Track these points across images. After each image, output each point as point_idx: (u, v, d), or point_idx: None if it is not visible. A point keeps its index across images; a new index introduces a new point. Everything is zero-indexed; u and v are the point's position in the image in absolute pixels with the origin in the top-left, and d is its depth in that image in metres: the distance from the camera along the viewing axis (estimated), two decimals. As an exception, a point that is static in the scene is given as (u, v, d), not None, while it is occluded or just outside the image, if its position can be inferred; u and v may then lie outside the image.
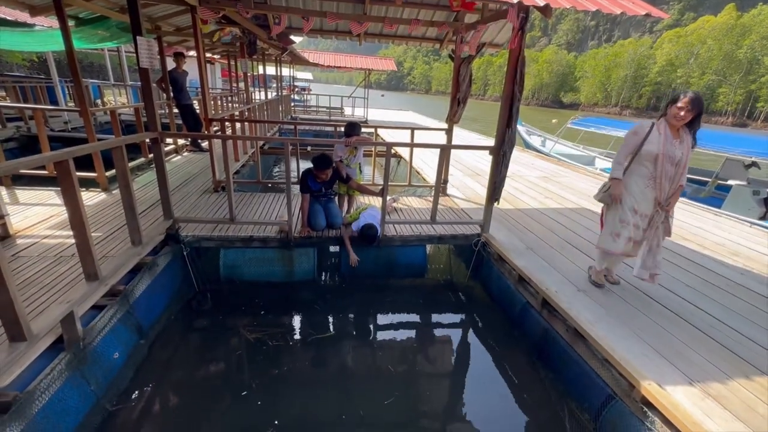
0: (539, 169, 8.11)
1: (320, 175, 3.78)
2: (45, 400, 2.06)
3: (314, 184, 3.90)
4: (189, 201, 4.69)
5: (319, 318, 3.60)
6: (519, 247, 3.92)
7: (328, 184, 3.97)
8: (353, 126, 4.08)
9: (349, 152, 4.14)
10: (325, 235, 3.95)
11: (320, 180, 3.88)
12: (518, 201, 5.59)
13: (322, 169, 3.75)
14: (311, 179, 3.88)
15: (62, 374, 2.20)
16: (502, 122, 3.64)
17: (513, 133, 3.64)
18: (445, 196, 5.56)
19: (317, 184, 3.92)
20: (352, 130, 4.06)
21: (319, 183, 3.91)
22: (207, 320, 3.50)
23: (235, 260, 3.89)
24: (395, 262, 4.14)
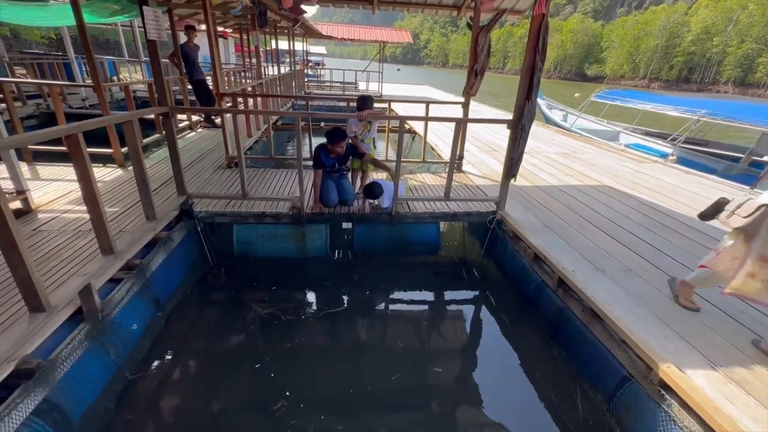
0: (559, 144, 7.83)
1: (335, 148, 3.71)
2: (67, 368, 2.14)
3: (327, 159, 3.84)
4: (203, 177, 4.70)
5: (331, 294, 3.61)
6: (535, 225, 3.82)
7: (341, 160, 3.90)
8: (365, 100, 3.96)
9: (363, 127, 4.03)
10: (337, 211, 3.91)
11: (334, 154, 3.81)
12: (536, 178, 5.42)
13: (336, 142, 3.68)
14: (324, 154, 3.81)
15: (82, 344, 2.28)
16: (521, 94, 3.46)
17: (533, 106, 3.46)
18: (459, 173, 5.43)
19: (330, 159, 3.85)
20: (364, 104, 3.94)
21: (333, 158, 3.85)
22: (221, 294, 3.55)
23: (248, 236, 3.92)
24: (408, 240, 4.11)
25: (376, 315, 3.44)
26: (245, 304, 3.39)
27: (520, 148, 3.68)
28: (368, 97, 3.99)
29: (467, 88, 5.04)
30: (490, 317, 3.43)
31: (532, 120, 3.53)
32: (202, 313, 3.33)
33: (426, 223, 4.07)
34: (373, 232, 4.05)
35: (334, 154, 3.81)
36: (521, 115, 3.49)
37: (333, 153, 3.80)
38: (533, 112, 3.50)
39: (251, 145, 6.47)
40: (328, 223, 3.97)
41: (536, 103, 3.47)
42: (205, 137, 6.88)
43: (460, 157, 5.50)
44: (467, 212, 4.06)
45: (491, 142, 7.76)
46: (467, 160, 6.09)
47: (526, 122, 3.54)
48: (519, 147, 3.67)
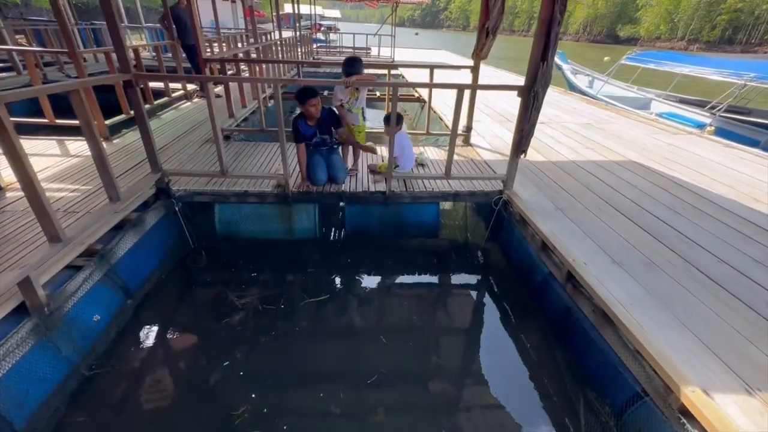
0: (582, 114, 7.22)
1: (308, 109, 3.39)
2: (6, 369, 1.95)
3: (306, 128, 3.53)
4: (187, 152, 4.47)
5: (318, 279, 3.46)
6: (546, 207, 3.45)
7: (322, 128, 3.59)
8: (353, 62, 3.53)
9: (350, 94, 3.61)
10: (326, 190, 3.67)
11: (312, 121, 3.51)
12: (552, 152, 4.98)
13: (305, 102, 3.35)
14: (302, 123, 3.52)
15: (26, 341, 2.08)
16: (535, 54, 2.99)
17: (549, 68, 3.02)
18: (467, 146, 5.05)
19: (310, 128, 3.55)
20: (351, 68, 3.52)
21: (313, 126, 3.55)
22: (201, 279, 3.40)
23: (231, 216, 3.72)
24: (404, 221, 3.86)
25: (366, 303, 3.25)
26: (226, 289, 3.22)
27: (532, 118, 3.28)
28: (356, 58, 3.57)
29: (477, 49, 4.52)
30: (492, 308, 3.23)
31: (546, 85, 3.11)
32: (178, 299, 3.17)
33: (424, 203, 3.81)
34: (366, 212, 3.82)
35: (312, 120, 3.51)
36: (534, 80, 3.06)
37: (310, 119, 3.50)
38: (549, 76, 3.07)
39: (247, 116, 6.17)
40: (317, 203, 3.76)
41: (552, 64, 2.99)
42: (199, 108, 6.60)
43: (468, 128, 5.09)
44: (471, 191, 3.77)
45: (506, 111, 7.21)
46: (477, 131, 5.66)
47: (539, 88, 3.11)
48: (531, 117, 3.27)
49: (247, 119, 6.24)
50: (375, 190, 3.68)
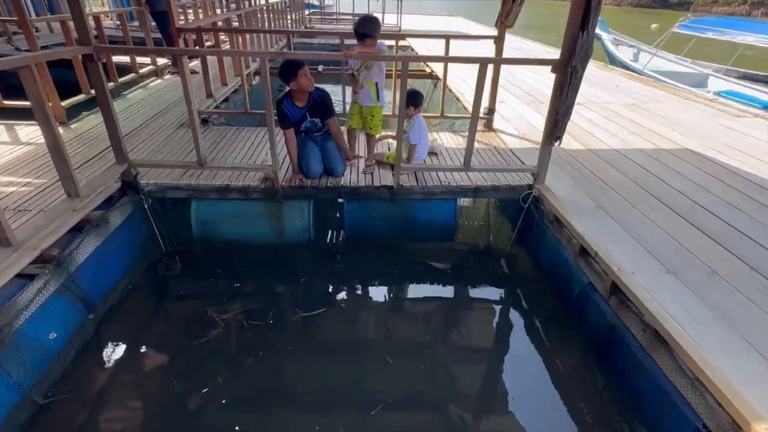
0: (626, 92, 7.16)
1: (301, 81, 3.33)
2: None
3: (293, 110, 3.50)
4: (159, 138, 4.48)
5: (315, 289, 3.49)
6: (585, 204, 3.41)
7: (313, 110, 3.55)
8: (367, 23, 3.36)
9: (362, 64, 3.56)
10: (322, 184, 3.65)
11: (302, 102, 3.48)
12: (591, 138, 4.93)
13: (294, 73, 3.29)
14: (288, 104, 3.48)
15: (-31, 364, 2.08)
16: (573, 21, 2.95)
17: (589, 39, 2.99)
18: (489, 132, 5.02)
19: (297, 110, 3.51)
20: (366, 30, 3.34)
21: (301, 108, 3.51)
22: (175, 289, 3.40)
23: (211, 215, 3.71)
24: (415, 221, 3.85)
25: (369, 318, 3.25)
26: (204, 301, 3.22)
27: (568, 98, 3.25)
28: (371, 19, 3.42)
29: (502, 16, 4.51)
30: (519, 325, 3.24)
31: (587, 59, 3.06)
32: (147, 314, 3.17)
33: (439, 200, 3.79)
34: (369, 210, 3.80)
35: (301, 100, 3.47)
36: (571, 53, 3.02)
37: (299, 99, 3.46)
38: (590, 49, 3.03)
39: (227, 96, 6.17)
40: (312, 200, 3.76)
41: (594, 35, 2.94)
42: (173, 85, 6.63)
43: (491, 110, 5.07)
44: (495, 186, 3.74)
45: (537, 90, 7.15)
46: (502, 114, 5.62)
47: (578, 63, 3.07)
48: (567, 97, 3.24)
49: (229, 100, 6.23)
50: (380, 185, 3.67)
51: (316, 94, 3.50)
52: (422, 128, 3.87)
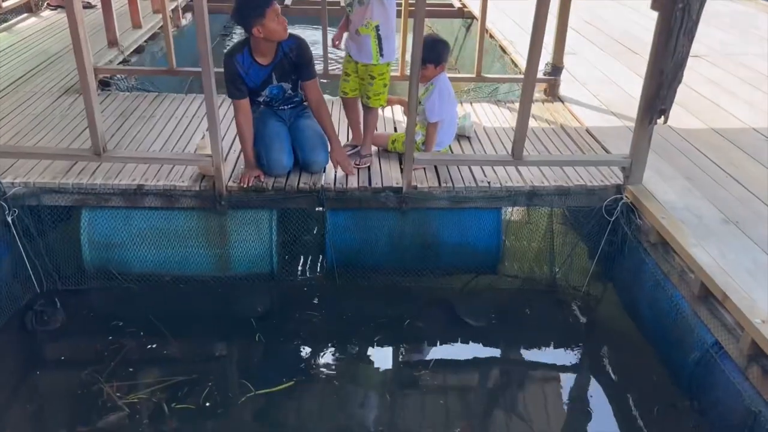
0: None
1: (269, 26, 3.35)
2: None
3: (253, 69, 3.58)
4: (32, 111, 4.59)
5: (276, 353, 3.55)
6: (708, 218, 3.47)
7: (283, 69, 3.63)
8: None
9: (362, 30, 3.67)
10: (291, 184, 3.72)
11: (263, 56, 3.55)
12: (717, 113, 4.99)
13: (249, 16, 3.32)
14: (244, 59, 3.56)
15: None
16: None
17: None
18: (553, 102, 5.12)
19: (258, 69, 3.59)
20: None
21: (265, 67, 3.59)
22: (53, 350, 3.48)
23: (112, 234, 3.77)
24: (436, 243, 3.93)
25: (363, 397, 3.34)
26: (96, 373, 3.24)
27: (679, 50, 3.31)
28: None
29: None
30: (602, 407, 3.31)
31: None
32: (9, 389, 3.21)
33: (473, 210, 3.87)
34: (365, 227, 3.88)
35: (264, 55, 3.54)
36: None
37: (261, 53, 3.53)
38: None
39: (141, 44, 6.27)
40: (275, 210, 3.84)
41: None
42: (53, 28, 6.77)
43: (555, 68, 5.14)
44: (561, 188, 3.80)
45: (630, 34, 7.23)
46: (572, 73, 5.69)
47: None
48: (677, 49, 3.30)
49: (143, 50, 6.31)
50: (382, 186, 3.70)
51: (286, 45, 3.58)
52: (446, 97, 3.93)
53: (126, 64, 5.74)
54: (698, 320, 3.05)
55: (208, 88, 3.35)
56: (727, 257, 3.08)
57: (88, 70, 3.33)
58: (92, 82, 3.42)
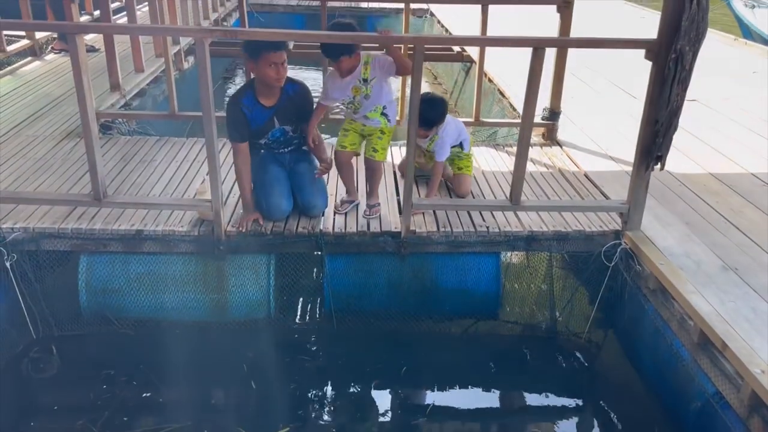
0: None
1: (266, 72, 3.46)
2: None
3: (256, 110, 3.65)
4: (33, 155, 4.63)
5: (274, 397, 3.53)
6: (707, 264, 3.47)
7: (285, 112, 3.70)
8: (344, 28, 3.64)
9: (354, 91, 3.79)
10: (289, 228, 3.75)
11: (267, 98, 3.63)
12: (715, 158, 5.05)
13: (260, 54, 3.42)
14: (249, 101, 3.63)
15: None
16: None
17: (702, 10, 3.12)
18: (551, 147, 5.19)
19: (262, 111, 3.66)
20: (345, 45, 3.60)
21: (268, 108, 3.66)
22: (47, 397, 3.44)
23: (111, 279, 3.80)
24: (435, 288, 3.94)
25: None
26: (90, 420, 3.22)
27: (673, 98, 3.36)
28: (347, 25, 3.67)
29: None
30: None
31: (700, 39, 3.21)
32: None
33: (472, 255, 3.90)
34: (364, 272, 3.92)
35: (268, 97, 3.62)
36: (675, 31, 3.14)
37: (265, 95, 3.62)
38: (702, 23, 3.15)
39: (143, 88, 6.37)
40: (273, 255, 3.87)
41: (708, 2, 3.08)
42: (57, 71, 6.89)
43: (553, 113, 5.22)
44: (560, 233, 3.82)
45: (626, 78, 7.34)
46: (570, 118, 5.77)
47: (685, 45, 3.21)
48: (672, 97, 3.35)
49: (145, 93, 6.40)
50: (381, 230, 3.73)
51: (291, 89, 3.67)
52: (453, 137, 4.03)
53: (128, 107, 5.83)
54: (699, 369, 3.02)
55: (209, 132, 3.40)
56: (727, 305, 3.08)
57: (91, 118, 3.39)
58: (94, 129, 3.48)
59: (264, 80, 3.53)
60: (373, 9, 12.86)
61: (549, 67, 4.11)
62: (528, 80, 3.39)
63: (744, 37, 10.66)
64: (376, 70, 3.74)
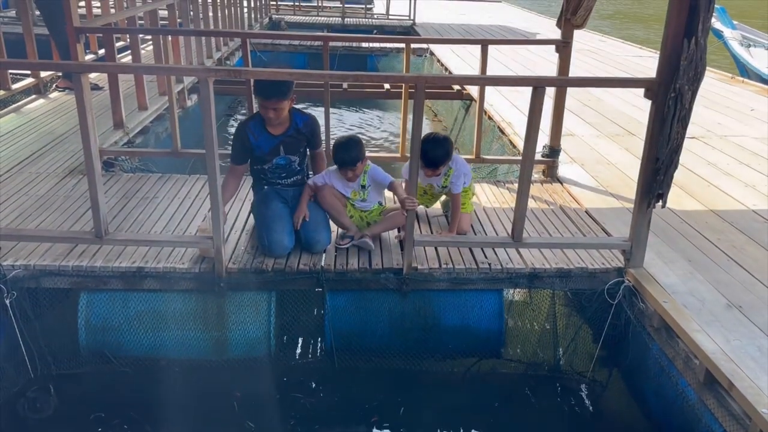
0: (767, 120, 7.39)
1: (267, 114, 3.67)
2: None
3: (263, 137, 3.78)
4: (35, 192, 4.66)
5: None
6: (711, 302, 3.46)
7: (293, 142, 3.85)
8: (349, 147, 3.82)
9: (353, 194, 4.00)
10: (291, 265, 3.75)
11: (273, 127, 3.77)
12: (716, 194, 5.08)
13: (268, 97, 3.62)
14: (256, 127, 3.77)
15: None
16: (673, 23, 3.17)
17: (700, 50, 3.17)
18: (551, 183, 5.21)
19: (268, 138, 3.79)
20: (348, 156, 3.80)
21: (276, 137, 3.79)
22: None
23: (110, 316, 3.78)
24: (436, 326, 3.93)
25: None
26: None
27: (673, 136, 3.39)
28: (353, 142, 3.88)
29: (567, 11, 4.77)
30: None
31: (699, 78, 3.25)
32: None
33: (474, 292, 3.90)
34: (365, 309, 3.91)
35: (276, 127, 3.76)
36: (675, 70, 3.19)
37: (274, 124, 3.75)
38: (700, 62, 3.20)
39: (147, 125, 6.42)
40: (274, 292, 3.87)
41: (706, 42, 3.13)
42: (60, 109, 6.95)
43: (553, 150, 5.26)
44: (562, 270, 3.82)
45: (625, 115, 7.43)
46: (570, 154, 5.84)
47: (684, 84, 3.25)
48: (672, 135, 3.39)
49: (148, 131, 6.45)
50: (382, 267, 3.74)
51: (300, 120, 3.83)
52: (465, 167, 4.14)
53: (131, 145, 5.86)
54: (705, 408, 2.98)
55: (212, 169, 3.41)
56: (732, 343, 3.06)
57: (94, 156, 3.42)
58: (97, 166, 3.49)
59: (264, 116, 3.72)
60: (374, 48, 13.04)
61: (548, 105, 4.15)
62: (528, 118, 3.45)
63: (741, 75, 10.80)
64: (372, 179, 3.97)
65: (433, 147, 3.83)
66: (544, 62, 10.66)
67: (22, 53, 7.32)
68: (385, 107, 10.98)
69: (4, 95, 7.11)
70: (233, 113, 10.24)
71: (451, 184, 4.06)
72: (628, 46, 13.47)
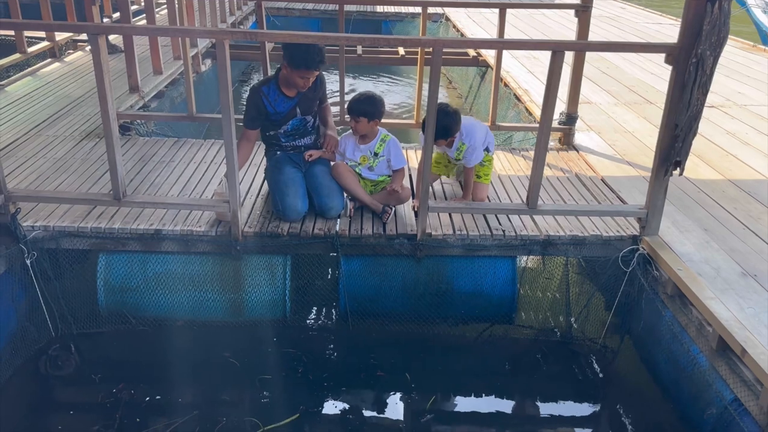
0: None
1: (296, 79, 3.69)
2: None
3: (279, 100, 3.81)
4: (53, 155, 4.68)
5: (286, 392, 3.55)
6: (726, 270, 3.45)
7: (306, 101, 3.88)
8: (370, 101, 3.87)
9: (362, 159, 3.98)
10: (305, 230, 3.77)
11: (288, 89, 3.80)
12: (734, 163, 5.02)
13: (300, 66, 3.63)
14: (272, 91, 3.79)
15: None
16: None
17: (723, 15, 3.12)
18: (567, 151, 5.17)
19: (284, 101, 3.82)
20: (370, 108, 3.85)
21: (291, 99, 3.83)
22: (65, 395, 3.48)
23: (129, 277, 3.82)
24: (450, 291, 3.94)
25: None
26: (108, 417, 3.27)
27: (693, 103, 3.35)
28: (368, 95, 3.92)
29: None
30: None
31: (721, 44, 3.20)
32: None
33: (487, 259, 3.89)
34: (379, 274, 3.92)
35: (291, 89, 3.79)
36: (696, 36, 3.14)
37: (288, 87, 3.78)
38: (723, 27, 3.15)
39: (162, 90, 6.41)
40: (289, 255, 3.89)
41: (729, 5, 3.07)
42: (77, 73, 6.96)
43: (570, 118, 5.22)
44: (576, 238, 3.81)
45: (644, 84, 7.33)
46: (587, 122, 5.78)
47: (706, 49, 3.20)
48: (692, 102, 3.33)
49: (164, 95, 6.45)
50: (396, 233, 3.75)
51: None
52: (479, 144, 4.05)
53: (146, 109, 5.87)
54: (717, 375, 3.00)
55: (228, 133, 3.42)
56: (746, 311, 3.06)
57: (112, 119, 3.43)
58: (115, 129, 3.51)
59: (291, 82, 3.74)
60: (388, 13, 12.87)
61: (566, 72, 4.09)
62: (547, 83, 3.41)
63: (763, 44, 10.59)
64: (387, 152, 3.97)
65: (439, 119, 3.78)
66: (562, 28, 10.59)
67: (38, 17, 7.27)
68: (399, 73, 10.88)
69: (20, 58, 7.13)
70: (246, 79, 10.19)
71: (464, 159, 4.05)
72: (649, 12, 13.20)
